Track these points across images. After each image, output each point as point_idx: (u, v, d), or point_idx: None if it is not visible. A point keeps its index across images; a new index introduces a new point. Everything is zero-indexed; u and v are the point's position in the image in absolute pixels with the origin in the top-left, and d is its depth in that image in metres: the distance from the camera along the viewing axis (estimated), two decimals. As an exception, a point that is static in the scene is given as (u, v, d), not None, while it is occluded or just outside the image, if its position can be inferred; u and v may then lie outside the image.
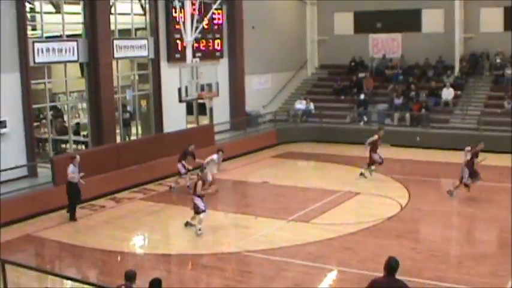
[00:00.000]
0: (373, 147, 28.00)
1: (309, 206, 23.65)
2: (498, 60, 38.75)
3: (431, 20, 41.05)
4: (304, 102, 39.33)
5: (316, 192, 25.84)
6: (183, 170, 26.45)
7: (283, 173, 29.77)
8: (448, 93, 37.27)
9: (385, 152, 28.91)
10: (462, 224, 22.76)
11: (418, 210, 23.63)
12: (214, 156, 25.62)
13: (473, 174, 24.40)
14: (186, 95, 27.22)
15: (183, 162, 26.53)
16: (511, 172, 28.43)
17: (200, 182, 20.59)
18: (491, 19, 39.33)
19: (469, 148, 24.71)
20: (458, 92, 37.78)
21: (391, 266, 10.94)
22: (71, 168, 22.32)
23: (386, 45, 43.01)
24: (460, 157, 25.90)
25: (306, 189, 26.62)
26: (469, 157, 24.41)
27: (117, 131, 30.68)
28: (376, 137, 27.99)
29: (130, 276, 12.24)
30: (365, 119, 37.94)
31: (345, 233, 20.49)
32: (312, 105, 39.01)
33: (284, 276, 17.32)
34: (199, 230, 20.35)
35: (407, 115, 36.78)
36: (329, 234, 20.38)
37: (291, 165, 32.44)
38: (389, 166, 29.12)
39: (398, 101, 37.79)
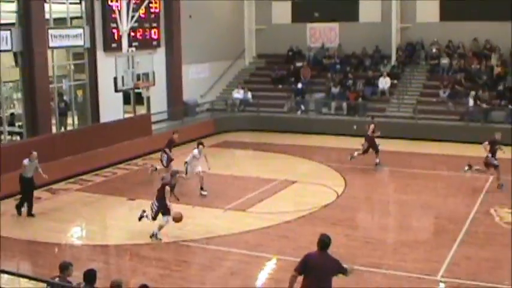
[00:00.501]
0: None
1: (246, 194, 23.76)
2: (434, 50, 39.30)
3: (369, 10, 41.38)
4: (241, 91, 39.37)
5: (253, 181, 25.94)
6: (165, 162, 25.82)
7: (220, 162, 29.72)
8: (384, 83, 37.69)
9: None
10: (397, 212, 23.10)
11: (354, 198, 23.99)
12: (195, 152, 24.10)
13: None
14: (123, 84, 27.04)
15: (167, 151, 25.96)
16: (445, 160, 29.05)
17: (168, 188, 19.27)
18: (427, 9, 39.88)
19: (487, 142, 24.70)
20: (395, 81, 38.27)
21: (324, 242, 11.64)
22: (25, 162, 21.95)
23: (323, 34, 43.24)
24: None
25: (243, 178, 26.71)
26: (488, 148, 24.38)
27: (53, 121, 30.31)
28: (372, 126, 28.05)
29: (64, 268, 12.19)
30: (302, 108, 38.17)
31: (281, 222, 20.71)
32: (249, 95, 39.10)
33: (221, 264, 17.43)
34: (156, 236, 19.11)
35: (345, 104, 37.13)
36: (266, 223, 20.56)
37: (229, 154, 32.49)
38: (326, 154, 29.34)
39: (335, 90, 38.08)
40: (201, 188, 24.04)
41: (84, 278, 11.73)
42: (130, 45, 28.45)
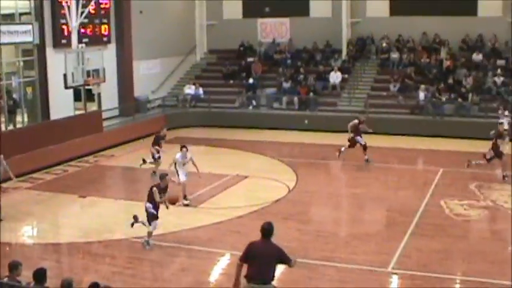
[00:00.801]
0: (356, 132, 27.75)
1: (198, 190, 23.65)
2: (384, 45, 39.58)
3: (319, 5, 41.53)
4: (193, 87, 39.33)
5: (204, 177, 25.71)
6: (156, 155, 25.92)
7: (171, 159, 29.69)
8: (335, 77, 37.93)
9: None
10: (349, 205, 23.27)
11: (306, 192, 24.09)
12: (177, 156, 22.70)
13: (498, 155, 24.68)
14: (73, 81, 26.82)
15: (156, 147, 26.10)
16: (396, 153, 29.31)
17: (156, 189, 18.45)
18: (377, 4, 40.17)
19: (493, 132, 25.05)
20: (346, 76, 38.52)
21: (266, 230, 12.21)
22: None
23: (274, 29, 43.29)
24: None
25: (194, 174, 26.59)
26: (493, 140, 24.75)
27: (2, 119, 29.91)
28: (356, 121, 27.85)
29: (14, 267, 12.05)
30: (254, 103, 38.29)
31: (233, 217, 20.78)
32: (201, 90, 39.09)
33: (172, 261, 17.40)
34: (148, 243, 18.26)
35: (296, 99, 37.24)
36: (217, 218, 20.60)
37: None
38: (278, 149, 29.35)
39: (286, 84, 38.22)
40: (184, 197, 22.58)
41: (33, 277, 11.62)
42: (80, 42, 28.16)
